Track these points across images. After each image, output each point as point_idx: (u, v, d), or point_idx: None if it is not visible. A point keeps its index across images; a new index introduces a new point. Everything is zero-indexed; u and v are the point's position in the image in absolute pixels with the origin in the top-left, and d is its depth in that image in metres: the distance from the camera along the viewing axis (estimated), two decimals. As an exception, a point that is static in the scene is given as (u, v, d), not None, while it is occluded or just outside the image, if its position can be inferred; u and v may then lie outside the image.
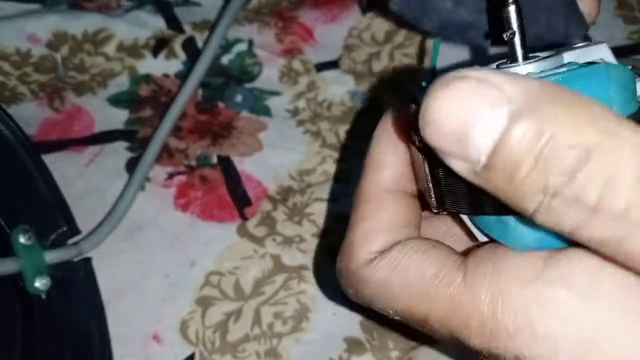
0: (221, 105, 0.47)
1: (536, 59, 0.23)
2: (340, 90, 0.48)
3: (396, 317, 0.25)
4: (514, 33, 0.23)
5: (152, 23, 0.50)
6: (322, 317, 0.40)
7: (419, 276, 0.24)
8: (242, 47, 0.50)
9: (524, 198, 0.19)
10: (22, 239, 0.38)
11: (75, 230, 0.41)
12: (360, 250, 0.26)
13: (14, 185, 0.41)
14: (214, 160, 0.45)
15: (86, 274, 0.40)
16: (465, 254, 0.24)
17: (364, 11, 0.39)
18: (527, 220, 0.19)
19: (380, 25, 0.51)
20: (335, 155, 0.46)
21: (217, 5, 0.51)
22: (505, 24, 0.23)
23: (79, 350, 0.38)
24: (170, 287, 0.41)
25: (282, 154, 0.46)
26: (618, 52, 0.51)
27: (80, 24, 0.49)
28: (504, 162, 0.18)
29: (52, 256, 0.39)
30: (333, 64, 0.50)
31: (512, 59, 0.23)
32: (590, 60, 0.23)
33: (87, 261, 0.41)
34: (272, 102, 0.48)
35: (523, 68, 0.22)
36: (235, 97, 0.48)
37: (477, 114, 0.18)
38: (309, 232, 0.43)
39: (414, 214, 0.27)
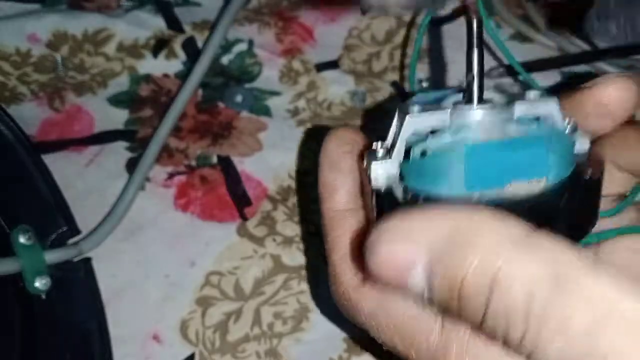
0: (221, 105, 0.47)
1: (488, 105, 0.24)
2: (340, 90, 0.48)
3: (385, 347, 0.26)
4: (473, 77, 0.24)
5: (152, 23, 0.50)
6: (322, 317, 0.40)
7: (400, 317, 0.25)
8: (242, 47, 0.50)
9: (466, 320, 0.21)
10: (22, 239, 0.38)
11: (75, 230, 0.41)
12: (343, 275, 0.27)
13: (14, 185, 0.41)
14: (214, 160, 0.45)
15: (86, 274, 0.40)
16: None
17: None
18: None
19: (380, 25, 0.51)
20: (335, 155, 0.46)
21: (217, 5, 0.51)
22: (466, 67, 0.24)
23: (79, 350, 0.38)
24: (170, 287, 0.41)
25: (282, 154, 0.46)
26: (618, 52, 0.51)
27: (80, 24, 0.49)
28: (438, 301, 0.21)
29: (52, 256, 0.39)
30: (333, 64, 0.50)
31: (468, 99, 0.25)
32: (540, 113, 0.25)
33: (87, 261, 0.41)
34: (272, 102, 0.48)
35: (476, 112, 0.24)
36: (235, 97, 0.48)
37: (405, 270, 0.21)
38: (309, 232, 0.43)
39: None
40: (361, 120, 0.47)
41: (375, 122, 0.46)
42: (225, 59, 0.49)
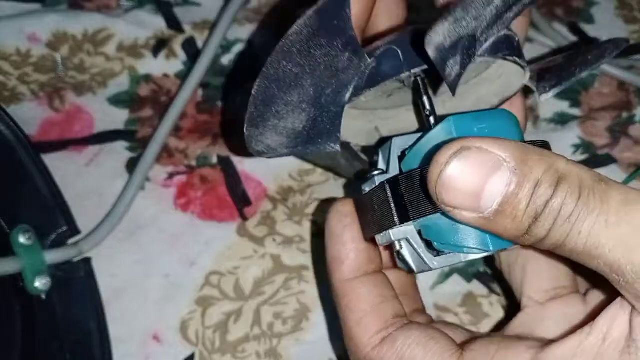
0: (221, 105, 0.47)
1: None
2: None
3: None
4: (429, 112, 0.30)
5: (152, 23, 0.50)
6: (322, 318, 0.40)
7: None
8: (242, 47, 0.50)
9: (521, 230, 0.24)
10: (22, 239, 0.38)
11: (75, 230, 0.41)
12: (361, 339, 0.30)
13: (14, 185, 0.41)
14: (214, 160, 0.45)
15: (86, 274, 0.40)
16: (462, 344, 0.29)
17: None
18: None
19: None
20: (335, 155, 0.46)
21: (217, 5, 0.51)
22: (417, 94, 0.30)
23: (79, 350, 0.38)
24: (170, 287, 0.41)
25: (282, 154, 0.46)
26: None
27: (80, 24, 0.49)
28: (510, 205, 0.24)
29: (52, 256, 0.39)
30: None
31: (429, 126, 0.30)
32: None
33: (87, 261, 0.41)
34: (272, 102, 0.48)
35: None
36: (236, 97, 0.48)
37: (487, 176, 0.24)
38: (309, 232, 0.43)
39: (386, 286, 0.31)
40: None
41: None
42: (225, 59, 0.49)
